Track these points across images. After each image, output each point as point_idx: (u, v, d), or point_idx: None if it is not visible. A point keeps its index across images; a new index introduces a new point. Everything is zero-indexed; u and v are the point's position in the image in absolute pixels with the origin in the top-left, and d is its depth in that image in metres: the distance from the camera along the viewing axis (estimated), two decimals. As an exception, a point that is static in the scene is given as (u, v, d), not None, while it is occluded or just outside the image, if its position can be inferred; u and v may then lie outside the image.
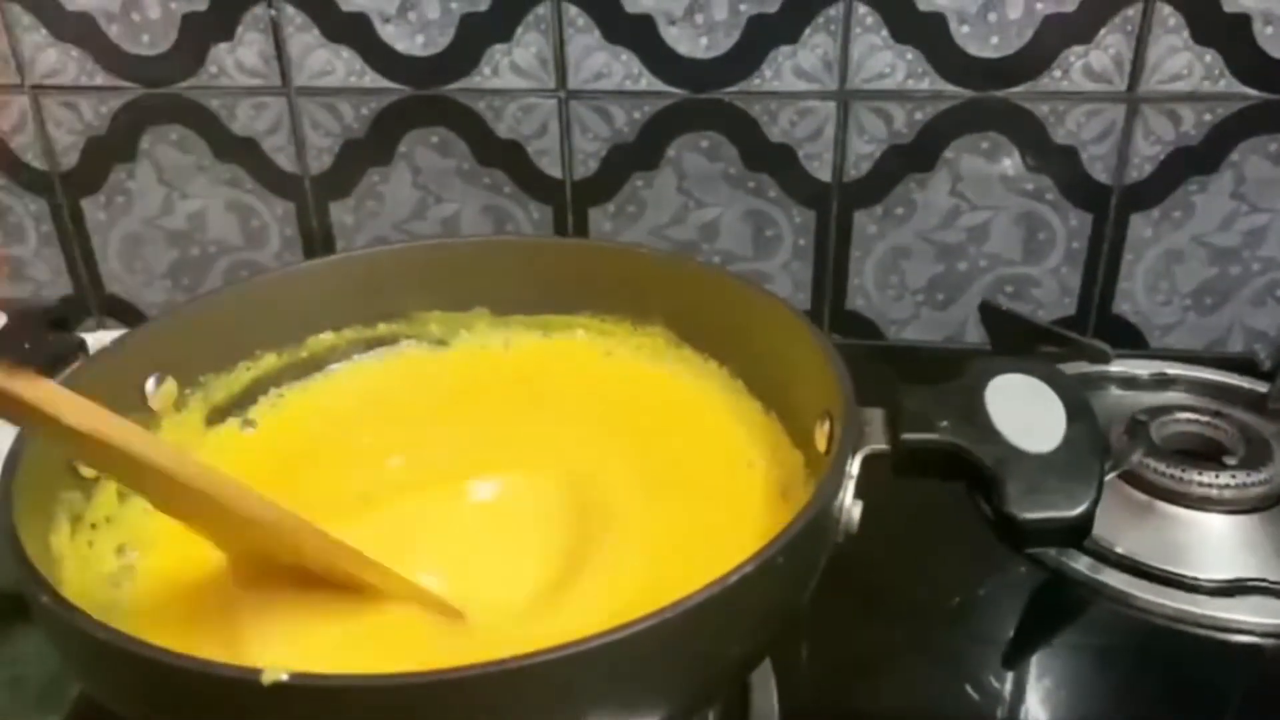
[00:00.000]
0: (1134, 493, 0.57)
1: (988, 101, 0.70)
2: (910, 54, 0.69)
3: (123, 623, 0.38)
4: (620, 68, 0.71)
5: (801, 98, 0.71)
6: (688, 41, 0.70)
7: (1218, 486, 0.56)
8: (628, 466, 0.47)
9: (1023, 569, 0.55)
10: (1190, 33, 0.66)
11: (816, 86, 0.70)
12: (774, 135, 0.72)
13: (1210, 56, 0.67)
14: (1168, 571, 0.53)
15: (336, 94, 0.74)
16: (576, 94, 0.72)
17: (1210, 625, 0.51)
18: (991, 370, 0.45)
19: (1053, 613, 0.54)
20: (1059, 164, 0.71)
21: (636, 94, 0.72)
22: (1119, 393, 0.67)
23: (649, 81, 0.71)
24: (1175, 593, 0.52)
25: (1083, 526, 0.40)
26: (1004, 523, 0.40)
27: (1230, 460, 0.58)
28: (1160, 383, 0.67)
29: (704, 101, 0.72)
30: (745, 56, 0.70)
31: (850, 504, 0.39)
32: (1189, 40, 0.67)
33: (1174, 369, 0.68)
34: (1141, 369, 0.68)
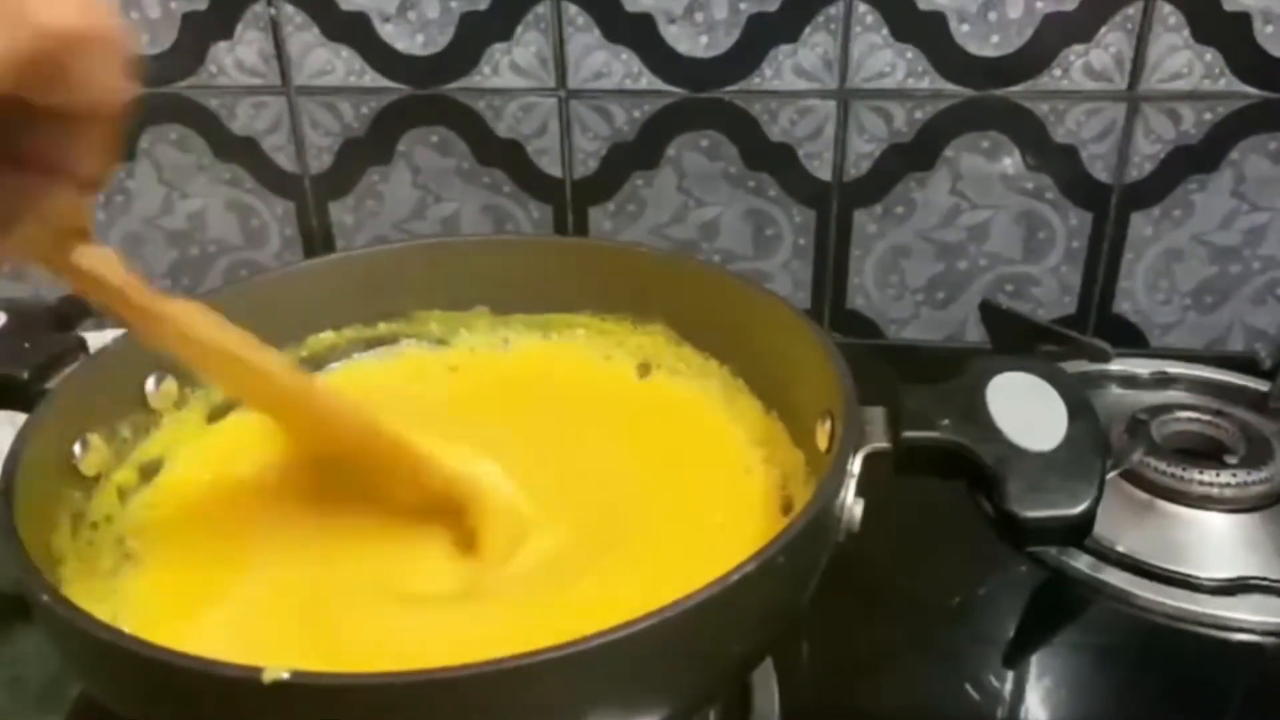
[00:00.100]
0: (1135, 491, 0.57)
1: (988, 100, 0.70)
2: (910, 53, 0.69)
3: (123, 622, 0.39)
4: (620, 67, 0.71)
5: (801, 97, 0.71)
6: (688, 40, 0.70)
7: (1218, 485, 0.56)
8: (628, 466, 0.47)
9: (1023, 568, 0.55)
10: (1190, 31, 0.66)
11: (816, 85, 0.70)
12: (774, 134, 0.72)
13: (1210, 55, 0.67)
14: (1168, 570, 0.53)
15: (336, 93, 0.74)
16: (576, 93, 0.72)
17: (1211, 624, 0.51)
18: (992, 369, 0.45)
19: (1053, 612, 0.54)
20: (1059, 163, 0.71)
21: (636, 93, 0.72)
22: (1119, 391, 0.67)
23: (649, 80, 0.71)
24: (1176, 591, 0.52)
25: (1084, 525, 0.40)
26: (1005, 521, 0.40)
27: (1231, 459, 0.58)
28: (1161, 381, 0.67)
29: (704, 100, 0.72)
30: (745, 55, 0.70)
31: (851, 503, 0.39)
32: (1189, 39, 0.67)
33: (1174, 368, 0.68)
34: (1142, 368, 0.68)
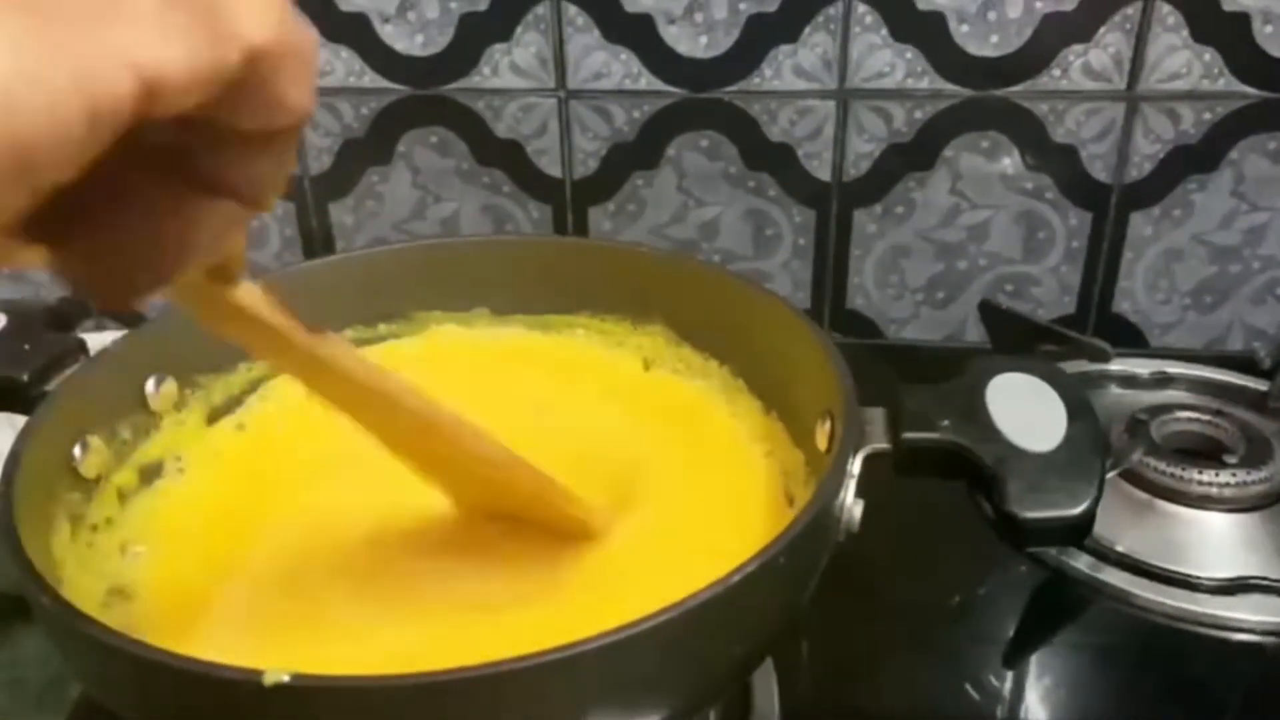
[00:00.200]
0: (1134, 491, 0.57)
1: (987, 100, 0.70)
2: (910, 53, 0.69)
3: (123, 624, 0.38)
4: (620, 67, 0.71)
5: (801, 97, 0.71)
6: (687, 41, 0.70)
7: (1218, 485, 0.56)
8: (628, 466, 0.47)
9: (1023, 568, 0.55)
10: (1189, 31, 0.66)
11: (816, 85, 0.70)
12: (774, 134, 0.72)
13: (1209, 55, 0.67)
14: (1168, 570, 0.53)
15: (336, 94, 0.74)
16: (576, 93, 0.72)
17: (1211, 624, 0.51)
18: (992, 369, 0.45)
19: (1053, 612, 0.54)
20: (1058, 163, 0.71)
21: (636, 93, 0.72)
22: (1119, 391, 0.67)
23: (648, 81, 0.71)
24: (1176, 591, 0.52)
25: (1084, 525, 0.40)
26: (1005, 521, 0.40)
27: (1230, 459, 0.58)
28: (1160, 381, 0.67)
29: (704, 101, 0.72)
30: (745, 55, 0.70)
31: (851, 503, 0.39)
32: (1188, 39, 0.67)
33: (1174, 368, 0.68)
34: (1141, 368, 0.68)
